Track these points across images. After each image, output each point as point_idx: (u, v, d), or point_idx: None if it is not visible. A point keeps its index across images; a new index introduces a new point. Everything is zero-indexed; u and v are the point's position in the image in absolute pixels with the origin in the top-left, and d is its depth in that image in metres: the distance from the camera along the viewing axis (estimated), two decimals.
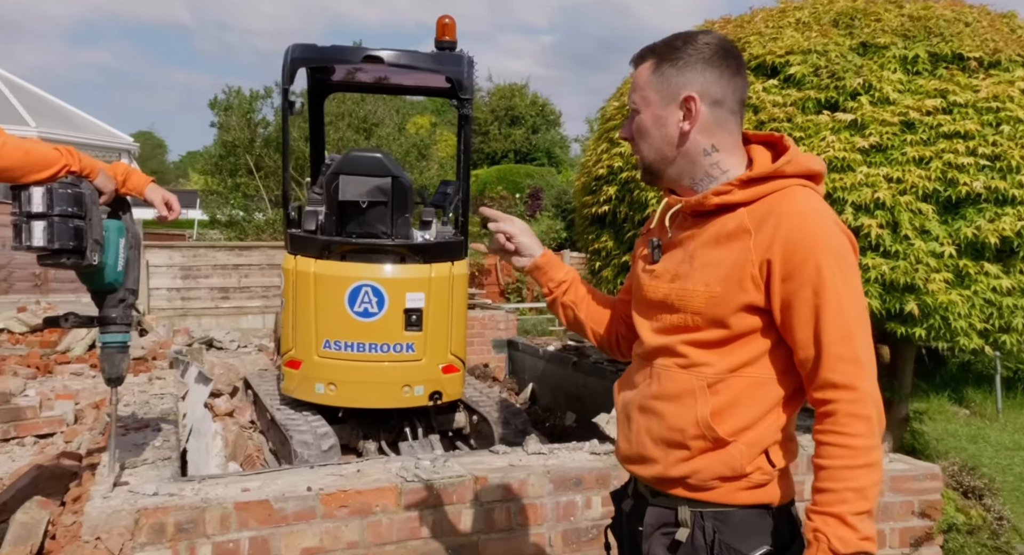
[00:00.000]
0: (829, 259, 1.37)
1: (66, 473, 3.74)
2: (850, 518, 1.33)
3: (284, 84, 4.85)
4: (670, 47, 1.49)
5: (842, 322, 1.37)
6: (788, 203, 1.42)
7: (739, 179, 1.45)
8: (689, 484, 1.48)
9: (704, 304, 1.45)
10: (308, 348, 4.67)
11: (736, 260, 1.43)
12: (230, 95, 14.95)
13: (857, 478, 1.34)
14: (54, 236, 2.30)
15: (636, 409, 1.56)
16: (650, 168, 1.54)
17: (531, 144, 30.61)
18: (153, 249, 11.20)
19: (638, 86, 1.52)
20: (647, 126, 1.51)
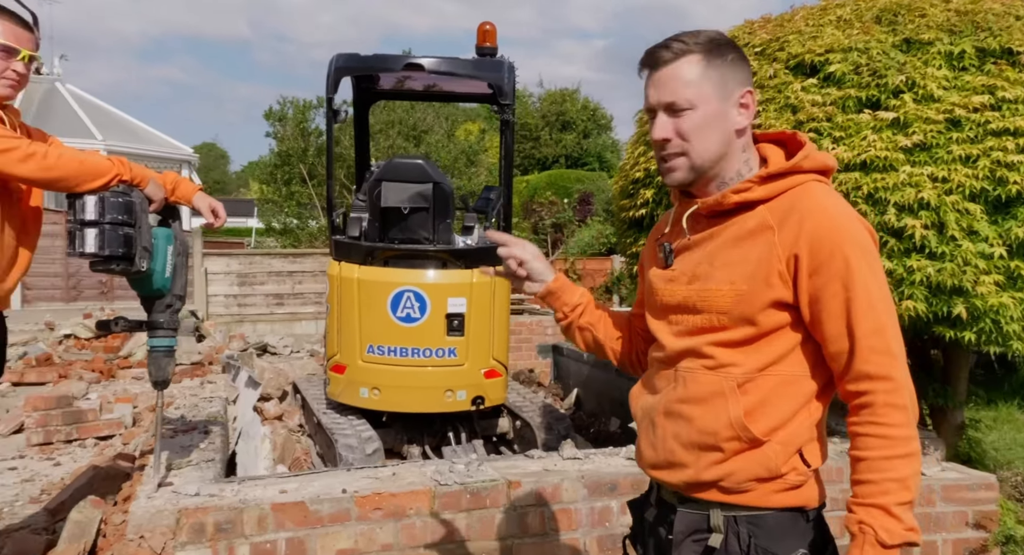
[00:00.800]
0: (856, 252, 1.38)
1: (120, 474, 3.89)
2: (894, 508, 1.32)
3: (328, 93, 4.95)
4: (713, 43, 1.46)
5: (873, 314, 1.37)
6: (810, 199, 1.42)
7: (758, 176, 1.45)
8: (723, 487, 1.45)
9: (731, 303, 1.43)
10: (352, 353, 4.74)
11: (761, 257, 1.42)
12: (284, 105, 15.33)
13: (898, 468, 1.34)
14: (105, 243, 2.39)
15: (661, 414, 1.53)
16: (699, 169, 1.47)
17: (582, 149, 30.53)
18: (211, 257, 11.55)
19: (687, 82, 1.43)
20: (704, 123, 1.44)
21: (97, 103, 18.96)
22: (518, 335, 8.13)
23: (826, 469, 3.19)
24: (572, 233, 17.18)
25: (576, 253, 16.05)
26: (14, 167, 2.23)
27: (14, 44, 2.32)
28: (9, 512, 3.98)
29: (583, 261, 15.53)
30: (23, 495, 4.24)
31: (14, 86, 2.36)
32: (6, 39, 2.31)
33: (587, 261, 15.58)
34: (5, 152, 2.20)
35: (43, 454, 5.07)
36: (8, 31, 2.32)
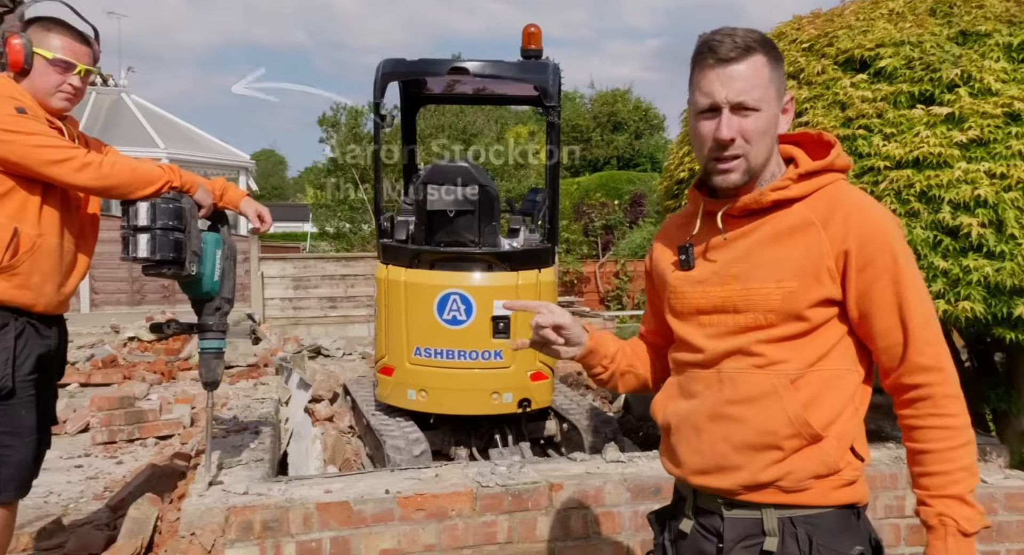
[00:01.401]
0: (901, 248, 1.41)
1: (176, 472, 4.01)
2: (968, 497, 1.36)
3: (375, 99, 5.02)
4: (768, 42, 1.44)
5: (923, 308, 1.41)
6: (849, 196, 1.45)
7: (797, 174, 1.45)
8: (781, 487, 1.44)
9: (780, 301, 1.43)
10: (400, 355, 4.80)
11: (808, 253, 1.43)
12: (337, 111, 15.60)
13: (964, 457, 1.38)
14: (156, 248, 2.48)
15: (706, 418, 1.50)
16: (752, 172, 1.46)
17: (634, 150, 30.28)
18: (267, 261, 11.83)
19: (758, 83, 1.40)
20: (765, 127, 1.43)
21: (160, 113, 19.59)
22: None
23: (880, 475, 3.12)
24: (623, 235, 17.05)
25: (627, 255, 15.93)
26: (71, 176, 2.32)
27: (71, 59, 2.42)
28: (74, 508, 4.14)
29: (634, 263, 15.41)
30: (88, 492, 4.41)
31: (70, 99, 2.46)
32: (63, 54, 2.41)
33: (638, 263, 15.45)
34: (63, 162, 2.29)
35: (107, 452, 5.26)
36: (66, 46, 2.42)
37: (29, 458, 2.42)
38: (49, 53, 2.38)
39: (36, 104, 2.38)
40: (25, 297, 2.34)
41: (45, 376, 2.48)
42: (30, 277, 2.34)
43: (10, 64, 2.36)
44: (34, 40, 2.38)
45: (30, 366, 2.37)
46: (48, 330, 2.48)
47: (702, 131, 1.46)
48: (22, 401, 2.35)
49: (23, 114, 2.29)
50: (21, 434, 2.37)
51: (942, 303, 2.95)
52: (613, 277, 15.22)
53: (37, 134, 2.29)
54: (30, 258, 2.33)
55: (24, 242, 2.31)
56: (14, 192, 2.30)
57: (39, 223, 2.36)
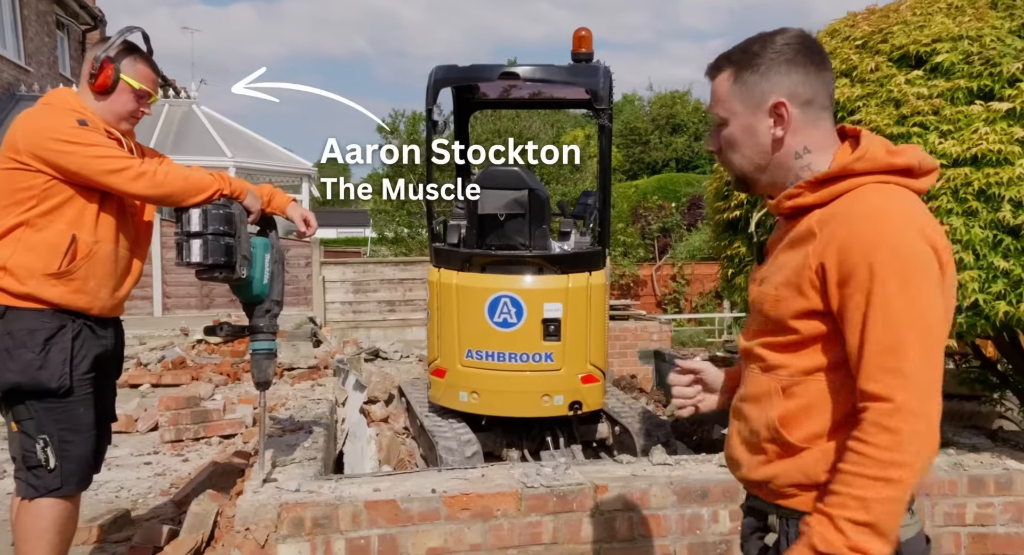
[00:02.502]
0: (886, 261, 1.27)
1: (235, 470, 4.15)
2: (841, 523, 1.27)
3: (428, 105, 5.11)
4: (747, 53, 1.45)
5: (890, 331, 1.27)
6: (853, 203, 1.35)
7: (809, 181, 1.41)
8: (770, 489, 1.46)
9: (770, 307, 1.44)
10: (452, 357, 4.86)
11: (798, 264, 1.39)
12: (395, 119, 15.86)
13: (864, 488, 1.27)
14: (208, 252, 2.58)
15: (732, 411, 1.58)
16: (744, 178, 1.52)
17: (693, 152, 29.91)
18: (328, 266, 12.10)
19: (720, 98, 1.48)
20: (737, 137, 1.47)
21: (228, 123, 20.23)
22: (623, 341, 8.07)
23: (938, 482, 3.03)
24: (680, 237, 16.86)
25: (685, 258, 15.74)
26: (127, 185, 2.44)
27: (150, 89, 2.57)
28: (142, 503, 4.32)
29: (692, 266, 15.21)
30: (155, 488, 4.59)
31: (135, 123, 2.63)
32: (145, 85, 2.56)
33: (696, 265, 15.25)
34: (119, 172, 2.42)
35: (174, 450, 5.46)
36: (147, 77, 2.57)
37: (88, 453, 2.55)
38: (136, 83, 2.54)
39: (96, 116, 2.51)
40: (81, 301, 2.47)
41: (102, 375, 2.61)
42: (86, 282, 2.46)
43: (97, 84, 2.50)
44: (123, 67, 2.52)
45: (87, 365, 2.49)
46: (104, 331, 2.60)
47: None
48: (80, 399, 2.48)
49: (84, 126, 2.42)
50: (80, 430, 2.49)
51: (1003, 304, 2.85)
52: (670, 280, 15.06)
53: (96, 145, 2.41)
54: (87, 264, 2.45)
55: (81, 248, 2.43)
56: (73, 200, 2.43)
57: (96, 230, 2.48)
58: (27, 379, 2.39)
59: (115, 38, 2.57)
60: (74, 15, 16.39)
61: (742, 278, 3.65)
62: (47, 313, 2.42)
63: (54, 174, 2.39)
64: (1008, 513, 3.12)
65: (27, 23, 14.23)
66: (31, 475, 2.44)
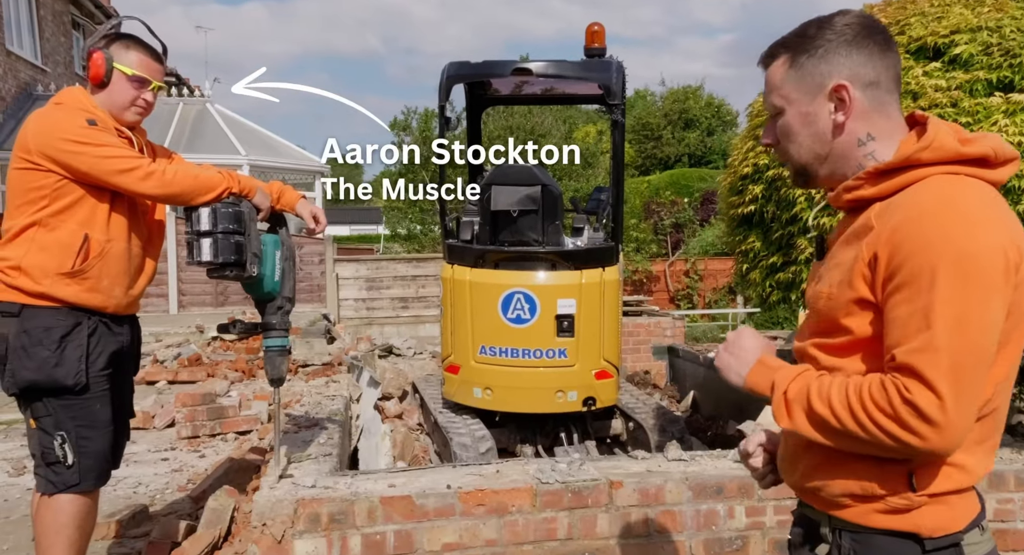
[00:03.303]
0: (948, 263, 1.15)
1: (251, 466, 4.17)
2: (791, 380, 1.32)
3: (440, 101, 5.11)
4: (803, 37, 1.38)
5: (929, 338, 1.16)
6: (915, 195, 1.24)
7: (869, 172, 1.32)
8: (821, 498, 1.38)
9: (823, 304, 1.35)
10: (466, 354, 4.87)
11: (851, 259, 1.30)
12: (408, 116, 15.89)
13: (839, 402, 1.23)
14: (219, 251, 2.58)
15: None
16: (803, 170, 1.42)
17: (706, 147, 29.76)
18: (341, 263, 12.13)
19: (775, 86, 1.40)
20: (794, 126, 1.39)
21: (242, 121, 20.32)
22: (636, 337, 8.05)
23: None
24: (693, 233, 16.79)
25: (698, 253, 15.67)
26: (137, 185, 2.44)
27: (147, 75, 2.56)
28: (160, 499, 4.35)
29: (705, 261, 15.15)
30: (172, 484, 4.62)
31: (142, 114, 2.60)
32: (141, 71, 2.54)
33: (709, 261, 15.19)
34: (128, 172, 2.42)
35: (191, 447, 5.50)
36: (143, 63, 2.56)
37: (106, 449, 2.56)
38: (128, 69, 2.52)
39: (107, 115, 2.51)
40: (95, 300, 2.48)
41: (119, 372, 2.62)
42: (100, 281, 2.47)
43: (91, 77, 2.51)
44: (115, 56, 2.51)
45: (103, 362, 2.51)
46: (120, 327, 2.61)
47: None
48: (96, 395, 2.49)
49: (94, 126, 2.42)
50: (97, 427, 2.51)
51: None
52: (683, 276, 15.01)
53: (106, 145, 2.41)
54: (100, 263, 2.46)
55: (94, 247, 2.44)
56: (84, 200, 2.44)
57: (108, 229, 2.48)
58: (44, 377, 2.40)
59: (103, 28, 2.57)
60: (89, 15, 16.51)
61: (757, 273, 3.63)
62: (62, 311, 2.43)
63: (64, 174, 2.40)
64: None
65: (43, 23, 14.34)
66: (50, 471, 2.46)
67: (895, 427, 1.18)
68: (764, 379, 1.36)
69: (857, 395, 1.22)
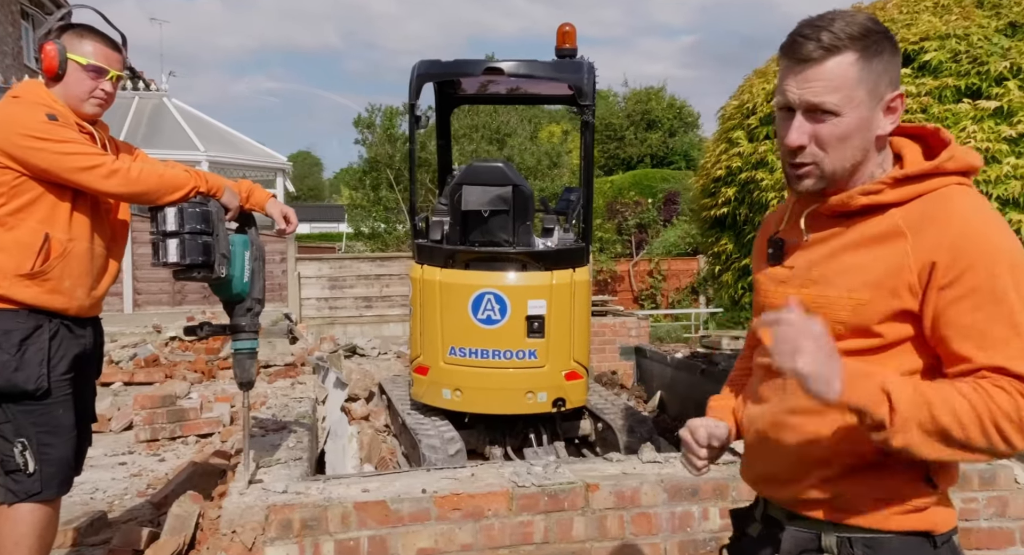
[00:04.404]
0: (1004, 269, 1.22)
1: (216, 470, 4.07)
2: (922, 402, 1.17)
3: (411, 99, 5.05)
4: (868, 35, 1.29)
5: (1019, 342, 1.20)
6: (953, 204, 1.27)
7: (892, 177, 1.31)
8: (835, 506, 1.34)
9: (849, 313, 1.31)
10: (435, 355, 4.82)
11: (889, 266, 1.28)
12: (372, 113, 15.74)
13: (965, 414, 1.16)
14: (186, 252, 2.50)
15: (769, 426, 1.43)
16: (832, 177, 1.34)
17: (668, 148, 30.05)
18: (303, 261, 11.96)
19: (840, 85, 1.28)
20: (851, 131, 1.29)
21: (200, 116, 19.93)
22: (601, 337, 8.07)
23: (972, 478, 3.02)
24: (656, 233, 16.94)
25: (661, 253, 15.82)
26: (99, 183, 2.34)
27: (104, 65, 2.45)
28: (119, 505, 4.22)
29: (668, 261, 15.30)
30: (131, 489, 4.49)
31: (101, 105, 2.49)
32: (96, 60, 2.44)
33: (672, 261, 15.34)
34: (91, 169, 2.32)
35: (150, 450, 5.35)
36: (98, 52, 2.45)
37: (69, 456, 2.47)
38: (83, 59, 2.41)
39: (68, 110, 2.41)
40: (57, 301, 2.38)
41: (82, 375, 2.52)
42: (61, 282, 2.37)
43: (44, 69, 2.39)
44: (68, 46, 2.41)
45: (65, 366, 2.41)
46: (82, 330, 2.51)
47: (779, 131, 1.37)
48: (59, 400, 2.39)
49: (54, 121, 2.31)
50: (60, 433, 2.41)
51: None
52: (647, 276, 15.14)
53: (67, 141, 2.31)
54: (61, 263, 2.36)
55: (55, 247, 2.34)
56: (44, 197, 2.33)
57: (69, 228, 2.38)
58: (3, 381, 2.30)
59: (52, 19, 2.47)
60: (39, 4, 16.03)
61: (729, 275, 3.66)
62: (22, 314, 2.33)
63: (23, 171, 2.29)
64: (991, 508, 3.15)
65: None
66: (9, 480, 2.36)
67: (1016, 436, 1.19)
68: (868, 392, 1.19)
69: (985, 404, 1.19)
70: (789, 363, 1.18)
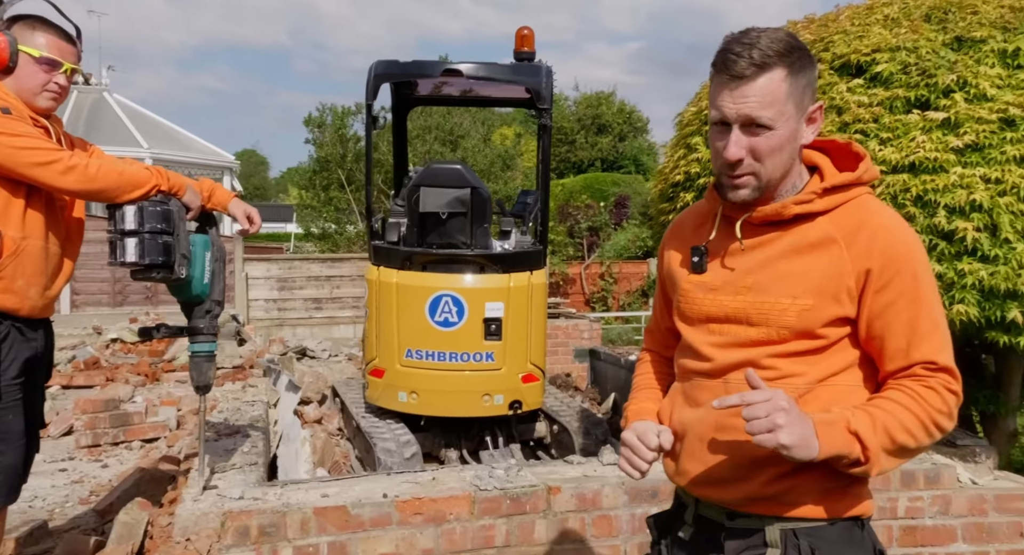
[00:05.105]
0: (924, 271, 1.39)
1: (165, 476, 3.95)
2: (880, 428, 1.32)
3: (368, 100, 4.99)
4: (793, 51, 1.36)
5: (939, 334, 1.38)
6: (874, 214, 1.41)
7: (821, 188, 1.41)
8: (784, 500, 1.41)
9: (795, 318, 1.39)
10: (391, 357, 4.77)
11: (828, 272, 1.38)
12: (323, 112, 15.53)
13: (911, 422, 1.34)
14: (145, 252, 2.43)
15: (712, 429, 1.46)
16: (767, 186, 1.42)
17: (618, 152, 30.37)
18: (252, 262, 11.72)
19: (773, 100, 1.35)
20: (783, 142, 1.38)
21: (142, 112, 19.38)
22: (554, 339, 8.10)
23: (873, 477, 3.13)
24: (608, 236, 17.10)
25: (612, 256, 15.98)
26: (56, 179, 2.26)
27: (57, 57, 2.37)
28: (60, 513, 4.07)
29: (619, 264, 15.46)
30: (73, 496, 4.33)
31: (56, 98, 2.40)
32: (50, 52, 2.35)
33: (623, 264, 15.50)
34: (48, 165, 2.23)
35: (91, 456, 5.18)
36: (52, 44, 2.37)
37: (18, 463, 2.37)
38: (36, 51, 2.33)
39: (21, 104, 2.32)
40: (9, 301, 2.28)
41: (32, 380, 2.43)
42: (14, 281, 2.28)
43: None
44: (19, 38, 2.32)
45: (16, 370, 2.31)
46: (34, 333, 2.42)
47: (714, 143, 1.42)
48: (9, 406, 2.30)
49: (8, 115, 2.23)
50: (9, 439, 2.31)
51: None
52: (598, 278, 15.27)
53: (22, 135, 2.22)
54: (14, 261, 2.27)
55: (7, 245, 2.24)
56: None
57: (23, 226, 2.29)
58: None
59: (2, 8, 2.38)
60: None
61: None
62: None
63: None
64: (936, 506, 3.26)
65: None
66: None
67: (949, 423, 1.38)
68: (841, 439, 1.31)
69: (923, 409, 1.36)
70: (771, 442, 1.27)
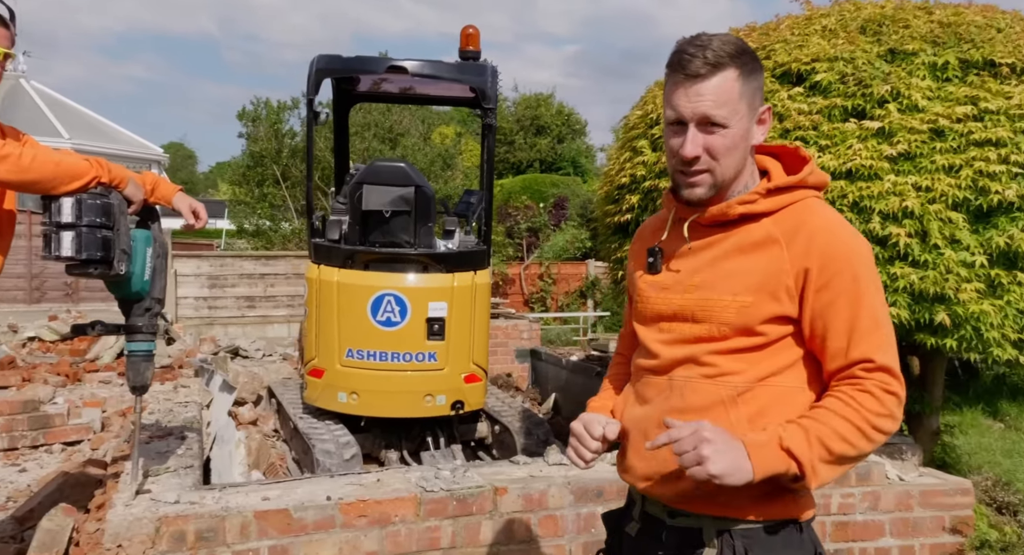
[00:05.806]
0: (865, 272, 1.39)
1: (91, 480, 3.78)
2: (813, 440, 1.32)
3: (309, 94, 4.89)
4: (743, 53, 1.41)
5: (880, 333, 1.38)
6: (817, 215, 1.43)
7: (764, 188, 1.44)
8: (718, 501, 1.42)
9: (734, 315, 1.41)
10: (331, 357, 4.68)
11: (767, 270, 1.41)
12: (257, 106, 15.15)
13: (848, 431, 1.33)
14: (82, 246, 2.32)
15: (654, 425, 1.47)
16: (720, 185, 1.45)
17: (556, 154, 30.58)
18: (181, 258, 11.34)
19: (726, 100, 1.38)
20: (737, 141, 1.41)
21: (63, 100, 18.57)
22: (494, 339, 8.09)
23: None
24: (547, 237, 17.20)
25: (551, 257, 16.07)
26: None
27: None
28: None
29: (558, 265, 15.56)
30: None
31: None
32: None
33: (562, 265, 15.61)
34: None
35: (8, 460, 4.93)
36: None
37: None
38: None
39: None
40: None
41: None
42: None
43: None
44: None
45: None
46: None
47: (670, 143, 1.45)
48: None
49: None
50: None
51: None
52: (537, 279, 15.33)
53: None
54: None
55: None
56: None
57: None
58: None
59: None
60: None
61: None
62: None
63: None
64: (866, 502, 3.38)
65: None
66: None
67: (891, 424, 1.37)
68: (774, 459, 1.32)
69: (859, 415, 1.35)
70: (701, 473, 1.28)
